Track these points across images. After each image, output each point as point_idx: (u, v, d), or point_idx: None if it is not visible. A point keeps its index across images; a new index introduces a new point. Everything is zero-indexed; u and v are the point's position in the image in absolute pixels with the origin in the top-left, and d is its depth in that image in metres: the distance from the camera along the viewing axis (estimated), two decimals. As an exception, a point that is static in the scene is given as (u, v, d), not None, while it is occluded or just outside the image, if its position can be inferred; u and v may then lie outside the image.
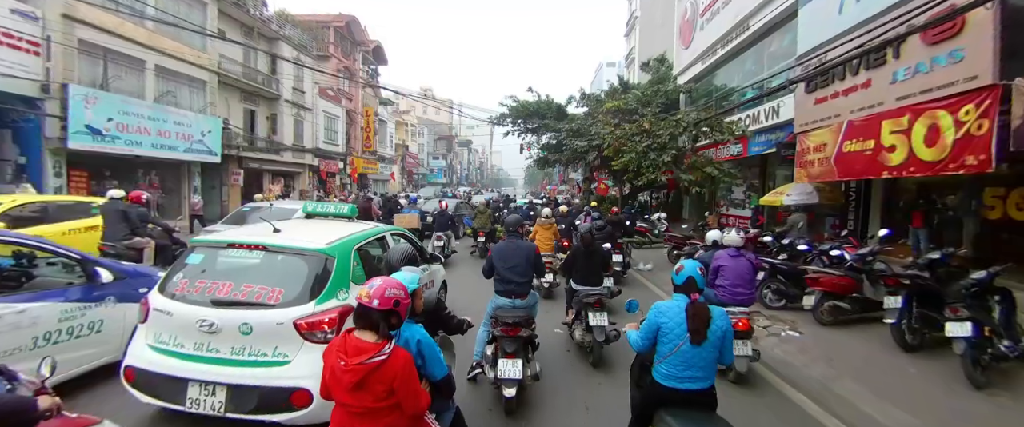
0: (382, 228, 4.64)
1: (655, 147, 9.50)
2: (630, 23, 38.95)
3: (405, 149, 50.58)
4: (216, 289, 3.17)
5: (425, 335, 2.31)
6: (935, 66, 6.77)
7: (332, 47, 27.90)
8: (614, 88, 20.05)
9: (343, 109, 27.77)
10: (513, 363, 3.66)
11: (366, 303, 1.96)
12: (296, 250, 3.38)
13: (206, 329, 2.97)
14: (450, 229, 11.46)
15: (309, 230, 4.02)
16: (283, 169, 22.32)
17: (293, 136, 22.64)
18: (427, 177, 62.22)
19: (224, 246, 3.46)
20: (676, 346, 2.50)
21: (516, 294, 4.24)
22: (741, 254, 4.83)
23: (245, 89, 19.78)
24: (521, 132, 22.53)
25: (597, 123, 17.82)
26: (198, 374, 2.94)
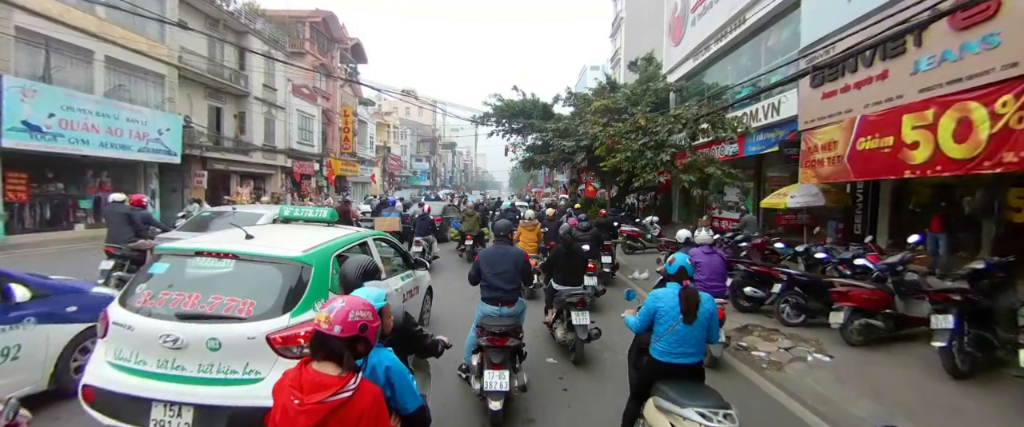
0: (363, 233, 4.41)
1: (651, 145, 8.73)
2: (615, 24, 38.53)
3: (387, 151, 49.33)
4: (182, 301, 2.90)
5: (395, 360, 2.01)
6: (965, 53, 6.10)
7: (308, 44, 26.70)
8: (602, 86, 19.31)
9: (319, 108, 26.53)
10: (500, 375, 3.55)
11: (325, 330, 1.64)
12: (270, 258, 3.13)
13: (170, 345, 2.73)
14: (433, 233, 10.99)
15: (284, 236, 3.79)
16: (253, 171, 21.03)
17: (264, 136, 21.36)
18: (410, 180, 61.11)
19: (191, 254, 3.18)
20: (671, 326, 2.87)
21: (503, 301, 4.12)
22: (713, 251, 5.22)
23: (210, 85, 18.51)
24: (506, 132, 21.66)
25: (585, 123, 17.05)
26: (162, 394, 2.70)
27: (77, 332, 3.87)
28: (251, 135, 20.54)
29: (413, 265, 5.34)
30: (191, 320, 2.82)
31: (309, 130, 25.54)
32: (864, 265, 5.97)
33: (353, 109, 32.34)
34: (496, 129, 21.50)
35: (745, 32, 12.53)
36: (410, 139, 66.30)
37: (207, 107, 18.70)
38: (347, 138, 30.96)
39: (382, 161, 43.86)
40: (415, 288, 5.24)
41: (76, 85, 13.46)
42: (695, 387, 2.78)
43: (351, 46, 32.06)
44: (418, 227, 10.86)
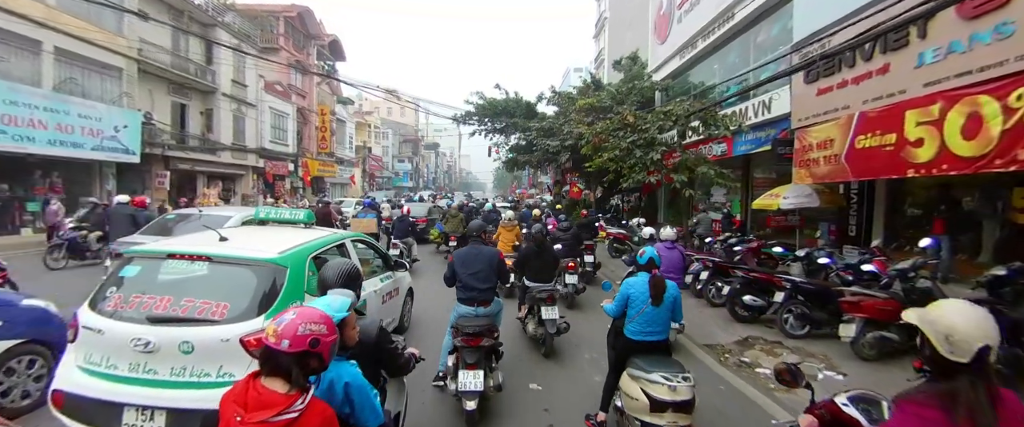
0: (341, 234, 4.38)
1: (640, 143, 8.24)
2: (599, 24, 38.28)
3: (368, 151, 48.23)
4: (153, 304, 2.87)
5: (356, 376, 1.91)
6: (975, 44, 5.72)
7: (282, 39, 25.66)
8: (586, 85, 18.85)
9: (294, 106, 25.51)
10: (474, 374, 3.58)
11: (273, 344, 1.50)
12: (244, 260, 3.12)
13: (142, 348, 2.71)
14: (412, 235, 10.70)
15: (259, 238, 3.76)
16: (221, 171, 19.98)
17: (233, 134, 20.33)
18: (392, 181, 60.13)
19: (163, 257, 3.15)
20: (641, 309, 3.36)
21: (479, 301, 4.16)
22: (674, 246, 5.93)
23: (174, 80, 17.46)
24: (488, 132, 21.08)
25: (569, 122, 16.57)
26: (134, 398, 2.68)
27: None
28: (219, 133, 19.50)
29: (393, 266, 5.28)
30: (163, 323, 2.77)
31: (283, 129, 24.51)
32: (872, 271, 5.53)
33: (331, 108, 31.32)
34: (478, 128, 20.90)
35: (733, 28, 12.17)
36: (392, 139, 65.31)
37: (170, 103, 17.64)
38: (324, 137, 29.93)
39: (362, 162, 42.80)
40: (395, 290, 5.20)
41: (21, 77, 12.40)
42: (661, 358, 3.24)
43: (328, 43, 31.04)
44: (396, 229, 10.48)
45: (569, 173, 24.48)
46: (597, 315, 3.92)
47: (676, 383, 2.91)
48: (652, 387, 2.94)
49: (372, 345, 2.30)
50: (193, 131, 18.67)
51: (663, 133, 8.38)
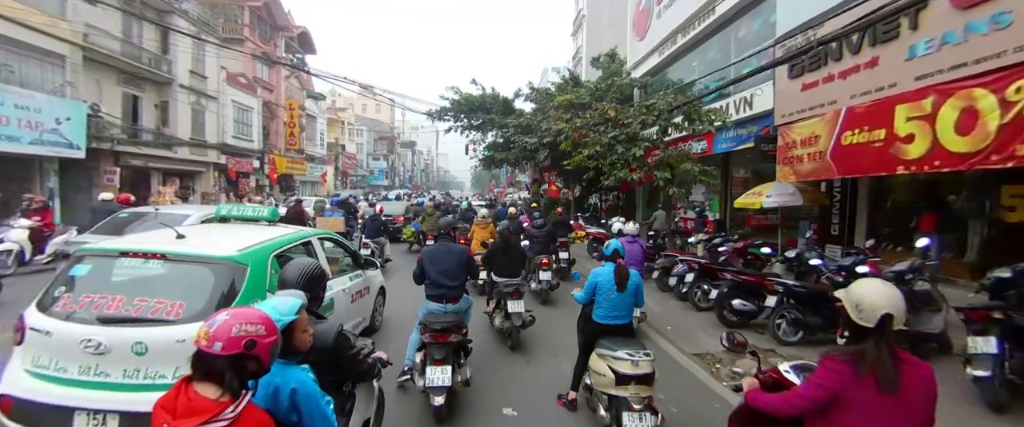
0: (308, 232, 4.28)
1: (622, 139, 7.82)
2: (577, 22, 38.07)
3: (341, 149, 46.85)
4: (104, 304, 2.75)
5: (306, 382, 1.76)
6: (970, 35, 5.49)
7: (247, 29, 24.43)
8: (565, 81, 18.44)
9: (259, 100, 24.31)
10: (442, 370, 3.60)
11: (204, 346, 1.42)
12: (202, 258, 3.03)
13: (92, 350, 2.59)
14: (384, 235, 10.49)
15: (220, 236, 3.69)
16: (179, 168, 18.76)
17: (192, 129, 19.13)
18: (367, 179, 58.84)
19: (116, 255, 3.04)
20: (608, 295, 3.73)
21: (448, 298, 4.19)
22: (635, 241, 6.51)
23: (125, 69, 16.23)
24: (465, 129, 20.46)
25: (547, 119, 16.12)
26: (85, 402, 2.55)
27: None
28: (176, 127, 18.29)
29: (363, 265, 5.19)
30: (115, 324, 2.69)
31: (247, 123, 23.31)
32: (866, 274, 5.22)
33: (300, 102, 30.12)
34: (454, 125, 20.25)
35: (714, 23, 11.93)
36: (367, 137, 63.88)
37: (121, 94, 16.40)
38: (293, 133, 28.72)
39: (335, 159, 41.49)
40: (365, 288, 5.12)
41: (-59, 62, 11.18)
42: (625, 339, 3.53)
43: (297, 35, 29.80)
44: (368, 229, 10.16)
45: (547, 172, 24.11)
46: (569, 310, 4.22)
47: (638, 359, 3.27)
48: (618, 364, 3.28)
49: (330, 350, 2.16)
50: (147, 125, 17.43)
51: (646, 129, 7.98)
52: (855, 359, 1.65)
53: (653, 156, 8.90)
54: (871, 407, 1.61)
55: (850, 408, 1.63)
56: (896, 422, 1.61)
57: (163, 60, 17.67)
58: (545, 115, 16.41)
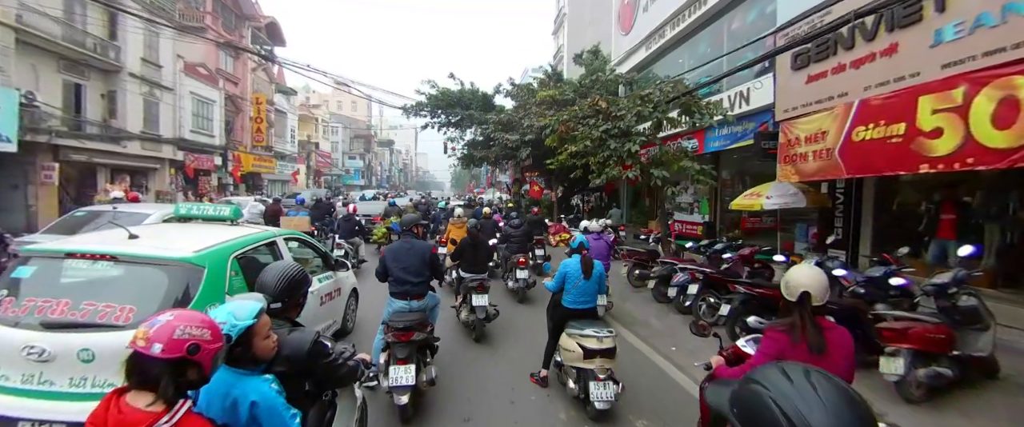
0: (273, 232, 4.15)
1: (615, 133, 7.03)
2: (558, 20, 37.47)
3: (315, 147, 45.15)
4: (49, 308, 2.64)
5: (268, 394, 1.63)
6: (1010, 16, 4.88)
7: (209, 18, 22.88)
8: (547, 76, 17.68)
9: (222, 93, 22.80)
10: (405, 369, 3.54)
11: (141, 348, 1.30)
12: (154, 259, 2.88)
13: (35, 357, 2.48)
14: (358, 235, 10.28)
15: (176, 236, 3.55)
16: (128, 164, 17.23)
17: (144, 122, 17.62)
18: (342, 178, 57.23)
19: (61, 256, 2.91)
20: (575, 283, 4.18)
21: (412, 295, 4.18)
22: (600, 237, 6.76)
23: (65, 55, 14.72)
24: (442, 125, 19.50)
25: (529, 115, 15.32)
26: (28, 412, 2.44)
27: None
28: (125, 120, 16.78)
29: (333, 266, 5.09)
30: (59, 329, 2.58)
31: (207, 117, 21.79)
32: (901, 286, 4.54)
33: (267, 97, 28.58)
34: (431, 121, 19.26)
35: (705, 15, 11.31)
36: (342, 135, 62.16)
37: (61, 82, 14.87)
38: (259, 129, 27.20)
39: (307, 157, 39.85)
40: (336, 290, 5.01)
41: None
42: (591, 321, 4.09)
43: (265, 25, 28.28)
44: (342, 229, 9.96)
45: (528, 171, 23.32)
46: (543, 307, 4.53)
47: (602, 336, 3.77)
48: (585, 340, 3.77)
49: (305, 360, 2.01)
50: (92, 116, 15.91)
51: (641, 123, 7.22)
52: (789, 328, 2.09)
53: (647, 153, 8.17)
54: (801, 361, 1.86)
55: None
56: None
57: (110, 46, 16.17)
58: (527, 112, 15.61)
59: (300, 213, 10.80)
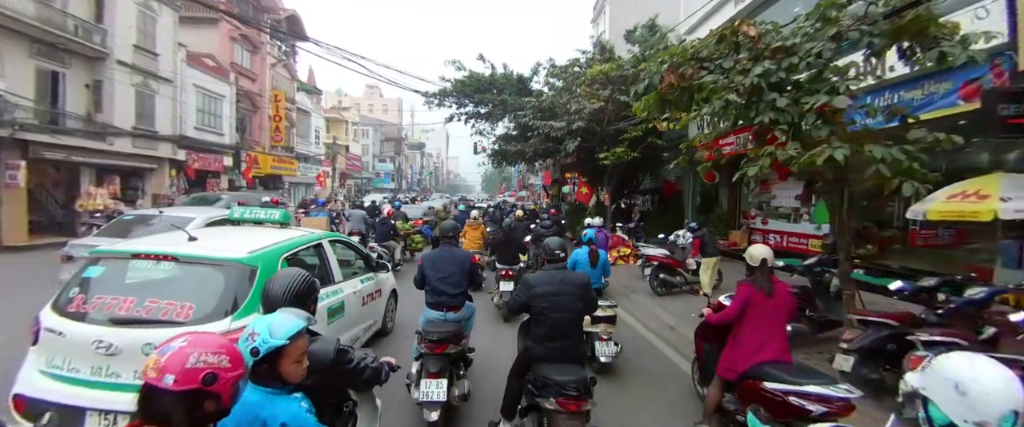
0: (318, 235, 4.28)
1: (784, 71, 3.50)
2: (598, 6, 34.22)
3: (345, 149, 43.61)
4: (116, 306, 2.83)
5: (298, 415, 1.57)
6: None
7: (223, 4, 20.98)
8: (599, 51, 14.50)
9: (232, 87, 20.82)
10: (437, 384, 3.41)
11: (152, 379, 1.17)
12: (211, 260, 3.08)
13: (103, 351, 2.67)
14: (393, 239, 10.09)
15: (230, 238, 3.70)
16: (118, 164, 15.22)
17: (137, 117, 15.62)
18: (373, 181, 56.02)
19: (128, 257, 3.10)
20: (583, 269, 5.12)
21: (448, 306, 4.04)
22: (601, 230, 8.63)
23: (41, 38, 12.79)
24: (471, 117, 16.66)
25: (576, 98, 12.26)
26: (96, 402, 2.62)
27: None
28: (112, 114, 14.78)
29: (375, 267, 5.10)
30: (125, 325, 2.75)
31: (216, 114, 19.81)
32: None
33: (288, 94, 26.70)
34: (457, 112, 16.47)
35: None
36: (373, 138, 61.04)
37: (34, 69, 12.93)
38: (278, 128, 25.26)
39: (333, 159, 38.11)
40: (377, 291, 5.07)
41: None
42: (597, 296, 4.04)
43: (285, 18, 26.41)
44: (378, 233, 9.94)
45: (569, 171, 20.16)
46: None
47: (606, 306, 4.61)
48: (601, 310, 4.31)
49: (330, 370, 2.02)
50: (74, 109, 13.96)
51: (836, 58, 3.73)
52: (752, 281, 3.22)
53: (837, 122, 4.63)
54: (761, 304, 3.15)
55: (752, 306, 3.16)
56: (774, 311, 3.17)
57: (96, 29, 14.20)
58: (572, 95, 12.56)
59: (320, 214, 10.99)
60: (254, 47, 24.24)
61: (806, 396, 2.71)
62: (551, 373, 2.82)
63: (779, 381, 2.84)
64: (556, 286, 3.10)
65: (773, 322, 3.12)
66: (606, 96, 11.63)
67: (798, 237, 10.38)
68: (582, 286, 3.17)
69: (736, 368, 3.11)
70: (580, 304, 3.12)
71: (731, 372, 3.15)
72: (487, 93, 15.29)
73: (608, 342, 4.54)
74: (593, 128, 12.27)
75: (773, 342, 3.06)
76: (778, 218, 11.16)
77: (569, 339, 3.06)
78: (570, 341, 3.06)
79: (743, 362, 3.08)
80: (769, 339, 3.07)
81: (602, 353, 4.50)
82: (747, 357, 3.07)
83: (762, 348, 3.05)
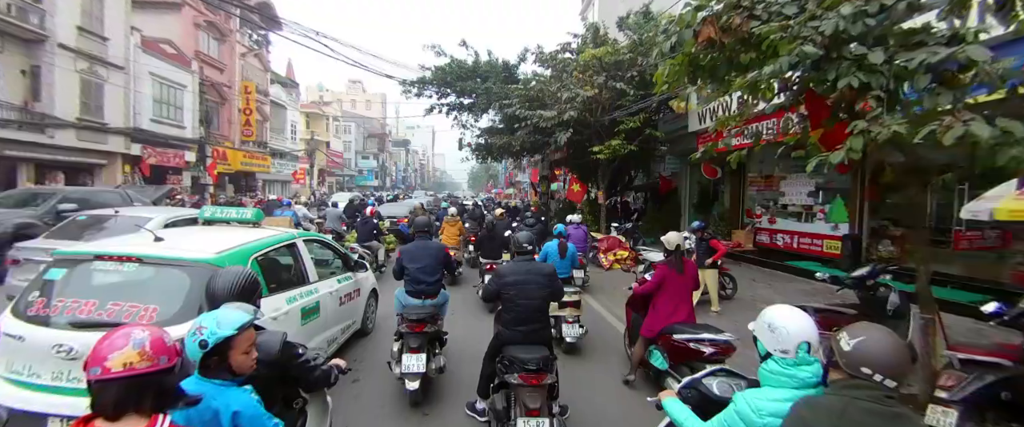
0: (292, 234, 4.28)
1: (869, 29, 2.46)
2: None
3: (326, 146, 41.99)
4: (77, 308, 2.78)
5: (250, 403, 1.64)
6: None
7: (184, -12, 19.45)
8: (586, 40, 13.43)
9: (194, 76, 19.28)
10: (417, 358, 3.78)
11: (97, 376, 1.22)
12: (176, 261, 2.99)
13: (64, 355, 2.61)
14: (377, 239, 9.74)
15: (198, 238, 3.66)
16: (61, 158, 13.73)
17: (81, 106, 14.11)
18: (355, 179, 54.43)
19: (91, 258, 3.01)
20: (554, 260, 5.64)
21: (426, 294, 4.37)
22: (579, 226, 8.77)
23: (-38, 16, 11.28)
24: (452, 108, 15.50)
25: (567, 86, 11.20)
26: (58, 408, 2.58)
27: None
28: (53, 103, 13.28)
29: (353, 267, 5.10)
30: (86, 328, 2.67)
31: (176, 105, 18.28)
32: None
33: (258, 85, 25.17)
34: (438, 103, 15.29)
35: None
36: (355, 134, 59.41)
37: (-44, 52, 11.43)
38: (249, 122, 23.75)
39: (311, 156, 36.53)
40: (355, 291, 5.05)
41: None
42: (564, 283, 4.71)
43: (257, 3, 24.81)
44: (359, 233, 9.67)
45: (558, 166, 19.13)
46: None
47: (572, 290, 5.14)
48: (567, 296, 4.79)
49: (276, 363, 2.01)
50: (6, 98, 12.44)
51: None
52: (668, 262, 4.11)
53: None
54: (674, 279, 3.99)
55: (667, 281, 3.98)
56: (684, 284, 4.04)
57: (33, 9, 12.68)
58: (563, 84, 11.50)
59: (286, 213, 10.66)
60: (222, 35, 22.67)
61: (701, 341, 3.56)
62: (517, 353, 3.11)
63: (683, 333, 3.71)
64: (523, 275, 3.42)
65: (683, 293, 4.04)
66: (600, 83, 10.59)
67: (811, 238, 9.51)
68: (548, 275, 3.48)
69: (654, 328, 3.96)
70: (545, 292, 3.42)
71: (651, 331, 4.01)
72: (470, 81, 14.13)
73: (574, 324, 5.08)
74: (586, 118, 11.25)
75: (683, 308, 3.96)
76: (787, 217, 10.29)
77: (536, 323, 3.36)
78: (537, 325, 3.37)
79: (660, 323, 3.93)
80: (679, 306, 3.96)
81: (569, 334, 5.04)
82: (663, 319, 3.92)
83: (674, 312, 3.92)
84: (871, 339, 1.43)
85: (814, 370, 1.69)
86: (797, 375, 1.68)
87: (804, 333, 1.69)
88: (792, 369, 1.69)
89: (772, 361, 1.74)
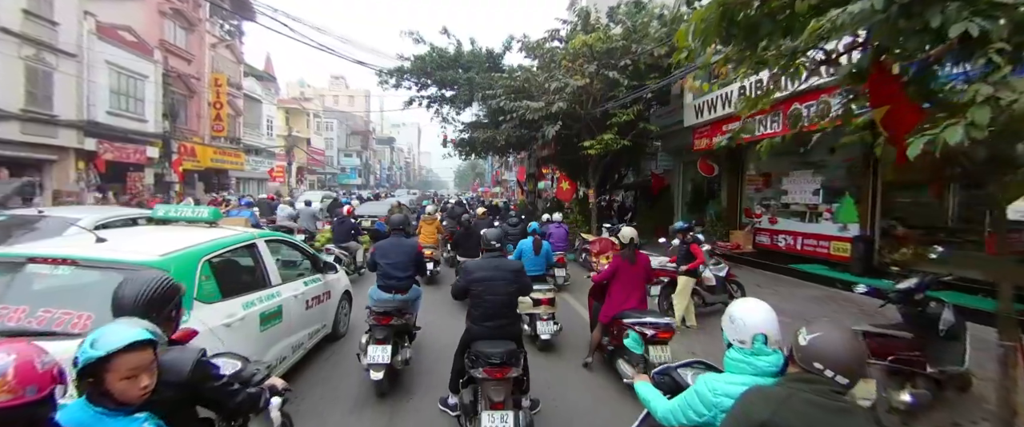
0: (252, 234, 4.10)
1: None
2: (574, -8, 32.53)
3: (306, 143, 40.61)
4: (5, 316, 2.58)
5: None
6: None
7: (147, -26, 18.20)
8: (575, 26, 12.68)
9: (158, 66, 18.04)
10: (383, 349, 3.88)
11: None
12: (115, 264, 2.75)
13: None
14: (355, 240, 9.21)
15: (144, 239, 3.48)
16: (4, 153, 12.51)
17: (27, 97, 12.90)
18: (338, 177, 52.99)
19: (23, 261, 2.84)
20: (529, 257, 5.74)
21: (397, 289, 4.46)
22: (561, 225, 8.98)
23: None
24: (433, 101, 14.63)
25: (556, 77, 10.45)
26: None
27: None
28: (-8, 92, 12.08)
29: (322, 268, 4.91)
30: (13, 338, 2.28)
31: (136, 97, 17.03)
32: None
33: (230, 78, 23.93)
34: (418, 95, 14.40)
35: None
36: (337, 131, 57.91)
37: None
38: (220, 116, 22.52)
39: (288, 152, 35.21)
40: (325, 293, 4.85)
41: None
42: (539, 281, 5.36)
43: (228, -8, 23.55)
44: (336, 233, 9.23)
45: (545, 164, 18.39)
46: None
47: (545, 289, 5.30)
48: (534, 293, 5.03)
49: (186, 385, 1.72)
50: (-64, 86, 11.25)
51: None
52: (622, 253, 4.39)
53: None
54: (627, 270, 4.31)
55: (621, 271, 4.31)
56: (636, 275, 4.36)
57: (-34, -12, 11.47)
58: (551, 75, 10.74)
59: (243, 213, 10.13)
60: (190, 24, 21.39)
61: (644, 324, 4.03)
62: (484, 347, 3.17)
63: (631, 317, 4.16)
64: (491, 271, 3.46)
65: (636, 282, 4.37)
66: (591, 72, 9.85)
67: (816, 239, 8.91)
68: (515, 271, 3.55)
69: (609, 314, 4.36)
70: (513, 287, 3.47)
71: (607, 317, 4.39)
72: (451, 71, 13.28)
73: (548, 321, 5.21)
74: (576, 111, 10.51)
75: (634, 295, 4.33)
76: (790, 217, 9.69)
77: (503, 318, 3.41)
78: (504, 320, 3.41)
79: (614, 310, 4.32)
80: (631, 294, 4.32)
81: (543, 331, 5.16)
82: (617, 306, 4.31)
83: (627, 300, 4.30)
84: (827, 336, 1.48)
85: (772, 361, 1.78)
86: (755, 364, 1.78)
87: (761, 325, 1.80)
88: (750, 358, 1.79)
89: (733, 350, 1.86)
